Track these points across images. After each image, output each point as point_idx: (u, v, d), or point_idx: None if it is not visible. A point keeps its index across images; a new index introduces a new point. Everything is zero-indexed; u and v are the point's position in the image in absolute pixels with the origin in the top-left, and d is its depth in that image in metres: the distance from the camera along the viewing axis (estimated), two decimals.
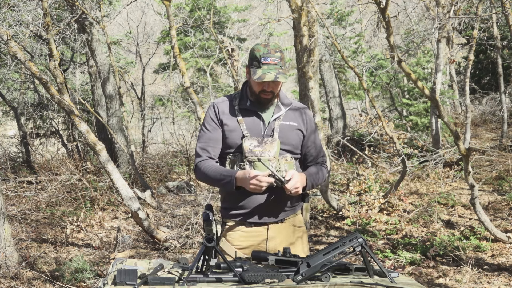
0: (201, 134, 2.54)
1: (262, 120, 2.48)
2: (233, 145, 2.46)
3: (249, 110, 2.49)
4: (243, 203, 2.45)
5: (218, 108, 2.51)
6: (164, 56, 16.45)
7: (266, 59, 2.38)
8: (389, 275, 2.00)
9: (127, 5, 11.23)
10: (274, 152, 2.41)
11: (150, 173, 9.93)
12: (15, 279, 4.92)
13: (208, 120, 2.52)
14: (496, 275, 4.73)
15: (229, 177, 2.36)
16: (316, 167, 2.58)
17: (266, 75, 2.35)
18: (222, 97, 2.61)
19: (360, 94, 15.15)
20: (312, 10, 6.17)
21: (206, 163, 2.46)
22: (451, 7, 5.84)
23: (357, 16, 15.38)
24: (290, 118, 2.52)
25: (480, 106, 13.58)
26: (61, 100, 5.57)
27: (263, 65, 2.38)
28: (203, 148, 2.50)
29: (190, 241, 6.07)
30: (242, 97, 2.53)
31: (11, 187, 8.62)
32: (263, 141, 2.42)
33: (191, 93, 6.67)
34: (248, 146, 2.40)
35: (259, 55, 2.39)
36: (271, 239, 2.49)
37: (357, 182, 7.17)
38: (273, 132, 2.46)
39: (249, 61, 2.46)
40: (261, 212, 2.46)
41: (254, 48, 2.44)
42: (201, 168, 2.45)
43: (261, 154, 2.38)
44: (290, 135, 2.49)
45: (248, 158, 2.39)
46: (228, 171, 2.39)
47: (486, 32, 10.73)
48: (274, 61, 2.38)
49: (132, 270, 1.93)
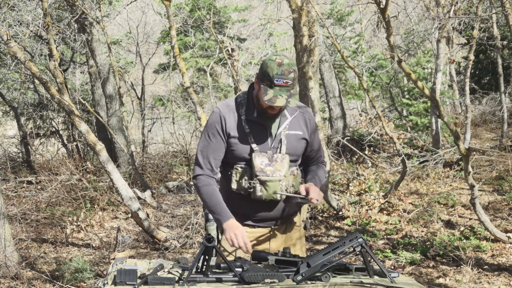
0: (204, 141, 2.45)
1: (269, 132, 2.43)
2: (240, 158, 2.41)
3: (256, 122, 2.42)
4: (247, 210, 2.44)
5: (225, 119, 2.41)
6: (164, 56, 16.45)
7: (279, 80, 2.26)
8: (389, 275, 2.00)
9: (127, 5, 11.22)
10: (285, 171, 2.39)
11: (150, 173, 9.92)
12: (15, 279, 4.92)
13: (213, 130, 2.42)
14: (496, 275, 4.73)
15: (220, 217, 2.35)
16: (318, 167, 2.60)
17: (277, 98, 2.26)
18: (226, 103, 2.48)
19: (360, 94, 15.15)
20: (312, 10, 6.16)
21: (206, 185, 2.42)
22: (451, 7, 5.85)
23: (357, 16, 15.38)
24: (295, 126, 2.47)
25: (480, 106, 13.57)
26: (61, 100, 5.57)
27: (275, 87, 2.27)
28: (206, 157, 2.42)
29: (190, 241, 6.07)
30: (249, 106, 2.43)
31: (11, 187, 8.62)
32: (273, 159, 2.38)
33: (191, 93, 6.67)
34: (259, 164, 2.35)
35: (272, 74, 2.27)
36: (274, 240, 2.51)
37: (357, 182, 7.17)
38: (281, 145, 2.42)
39: (260, 76, 2.34)
40: (264, 218, 2.48)
41: (268, 64, 2.30)
42: (200, 189, 2.42)
43: (272, 175, 2.36)
44: (296, 145, 2.47)
45: (260, 177, 2.35)
46: (222, 210, 2.36)
47: (486, 32, 10.73)
48: (287, 83, 2.27)
49: (132, 270, 1.93)
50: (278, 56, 2.33)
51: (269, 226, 2.50)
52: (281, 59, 2.31)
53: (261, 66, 2.35)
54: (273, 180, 2.35)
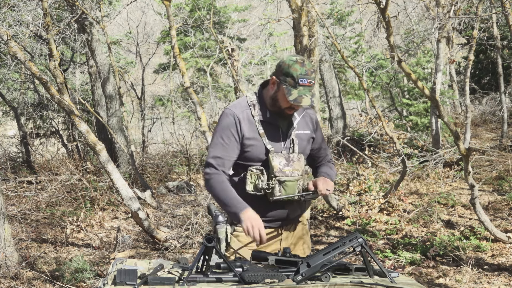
0: (216, 142, 2.42)
1: (281, 132, 2.46)
2: (255, 159, 2.41)
3: (270, 122, 2.43)
4: (260, 211, 2.41)
5: (239, 121, 2.40)
6: (164, 56, 16.46)
7: (304, 80, 2.30)
8: (389, 275, 2.00)
9: (127, 5, 11.23)
10: (302, 170, 2.42)
11: (150, 173, 9.92)
12: (15, 279, 4.92)
13: (226, 131, 2.40)
14: (496, 275, 4.73)
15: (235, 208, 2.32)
16: (327, 165, 2.63)
17: (303, 98, 2.30)
18: (238, 104, 2.48)
19: (360, 94, 15.16)
20: (312, 10, 6.17)
21: (218, 180, 2.38)
22: (451, 7, 5.85)
23: (357, 16, 15.39)
24: (303, 125, 2.51)
25: (480, 106, 13.57)
26: (61, 100, 5.57)
27: (300, 86, 2.31)
28: (218, 157, 2.40)
29: (190, 241, 6.07)
30: (261, 107, 2.44)
31: (11, 187, 8.62)
32: (290, 159, 2.40)
33: (191, 93, 6.67)
34: (277, 165, 2.36)
35: (296, 74, 2.30)
36: (285, 239, 2.54)
37: (357, 182, 7.17)
38: (293, 145, 2.45)
39: (281, 76, 2.35)
40: (277, 218, 2.49)
41: (289, 64, 2.33)
42: (213, 184, 2.38)
43: (291, 174, 2.38)
44: (306, 145, 2.51)
45: (279, 178, 2.36)
46: (238, 201, 2.34)
47: (486, 32, 10.73)
48: (310, 83, 2.32)
49: (132, 270, 1.93)
50: (297, 56, 2.37)
51: (279, 226, 2.52)
52: (302, 60, 2.35)
53: (281, 66, 2.36)
54: (292, 180, 2.37)
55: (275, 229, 2.52)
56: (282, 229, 2.53)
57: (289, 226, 2.55)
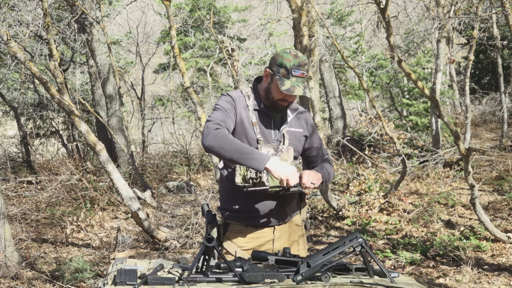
0: (217, 111, 2.38)
1: (273, 124, 2.47)
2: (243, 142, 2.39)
3: (263, 113, 2.46)
4: (249, 207, 2.43)
5: (235, 103, 2.42)
6: (164, 56, 16.46)
7: (297, 71, 2.34)
8: (389, 275, 2.00)
9: (127, 5, 11.23)
10: (291, 162, 2.42)
11: (150, 173, 9.93)
12: (15, 279, 4.92)
13: (225, 104, 2.40)
14: (496, 275, 4.73)
15: (260, 155, 2.20)
16: (323, 162, 2.61)
17: (295, 88, 2.32)
18: (233, 91, 2.52)
19: (360, 94, 15.15)
20: (312, 10, 6.17)
21: (227, 133, 2.27)
22: (451, 7, 5.85)
23: (357, 16, 15.39)
24: (296, 124, 2.53)
25: (480, 106, 13.57)
26: (61, 100, 5.57)
27: (293, 77, 2.34)
28: (222, 121, 2.33)
29: (190, 241, 6.07)
30: (255, 98, 2.48)
31: (11, 187, 8.62)
32: (278, 149, 2.40)
33: (191, 93, 6.67)
34: (265, 153, 2.31)
35: (289, 65, 2.33)
36: (277, 240, 2.52)
37: (357, 182, 7.17)
38: (284, 139, 2.46)
39: (275, 68, 2.38)
40: (268, 216, 2.47)
41: (283, 56, 2.36)
42: (220, 134, 2.23)
43: None
44: (297, 142, 2.51)
45: None
46: (257, 152, 2.23)
47: (486, 32, 10.72)
48: (303, 74, 2.36)
49: (132, 270, 1.93)
50: (292, 49, 2.41)
51: (272, 225, 2.50)
52: (295, 52, 2.39)
53: (275, 58, 2.40)
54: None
55: (268, 229, 2.50)
56: (275, 231, 2.51)
57: (281, 227, 2.53)
